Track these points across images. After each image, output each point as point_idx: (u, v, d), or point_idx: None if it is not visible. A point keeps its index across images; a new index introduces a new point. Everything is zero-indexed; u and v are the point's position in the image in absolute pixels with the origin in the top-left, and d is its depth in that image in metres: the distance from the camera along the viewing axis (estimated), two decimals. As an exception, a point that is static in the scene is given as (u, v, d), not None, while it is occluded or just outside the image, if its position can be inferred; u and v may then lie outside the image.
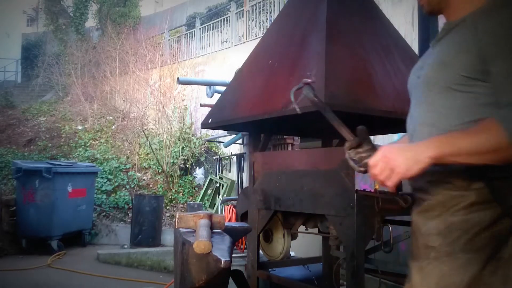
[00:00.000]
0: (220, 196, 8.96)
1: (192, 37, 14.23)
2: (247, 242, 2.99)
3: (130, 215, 9.12)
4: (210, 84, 8.06)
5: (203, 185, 10.11)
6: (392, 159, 1.27)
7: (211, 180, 9.71)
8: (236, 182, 8.98)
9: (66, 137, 12.43)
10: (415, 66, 1.60)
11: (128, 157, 11.28)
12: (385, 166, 1.28)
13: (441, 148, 1.24)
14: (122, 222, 9.30)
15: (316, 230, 2.87)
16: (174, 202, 10.15)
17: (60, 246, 7.58)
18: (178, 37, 15.25)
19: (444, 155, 1.24)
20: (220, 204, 8.38)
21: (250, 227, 2.56)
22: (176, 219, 2.12)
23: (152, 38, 15.00)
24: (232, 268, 1.90)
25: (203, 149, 10.77)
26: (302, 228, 2.85)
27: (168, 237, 8.41)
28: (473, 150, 1.22)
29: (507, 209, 1.32)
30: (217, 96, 6.32)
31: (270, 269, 3.20)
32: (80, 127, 13.09)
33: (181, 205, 10.05)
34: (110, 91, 14.68)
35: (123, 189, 10.16)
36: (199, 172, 10.84)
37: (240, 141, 8.68)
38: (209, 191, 9.69)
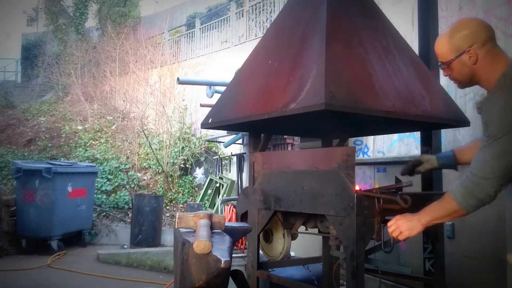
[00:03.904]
0: (220, 196, 8.96)
1: (192, 37, 14.22)
2: (247, 242, 2.99)
3: (130, 215, 9.12)
4: (210, 84, 8.06)
5: (203, 185, 10.11)
6: (401, 226, 1.97)
7: (211, 180, 9.71)
8: (236, 182, 8.98)
9: (66, 137, 12.42)
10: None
11: (128, 157, 11.28)
12: (397, 231, 1.98)
13: (427, 218, 1.93)
14: (122, 222, 9.30)
15: (316, 230, 2.87)
16: (174, 202, 10.15)
17: (60, 246, 7.58)
18: (178, 37, 15.24)
19: (429, 222, 1.93)
20: (220, 204, 8.38)
21: (250, 227, 2.56)
22: (176, 219, 2.12)
23: (152, 38, 15.00)
24: (232, 268, 1.89)
25: (203, 149, 10.77)
26: (302, 228, 2.85)
27: (168, 237, 8.41)
28: (442, 215, 1.92)
29: None
30: (217, 96, 6.32)
31: (270, 269, 3.19)
32: (80, 127, 13.09)
33: (181, 205, 10.05)
34: (110, 91, 14.68)
35: (123, 189, 10.17)
36: (199, 172, 10.84)
37: (240, 141, 8.68)
38: (209, 191, 9.69)
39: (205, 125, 2.97)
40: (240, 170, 8.86)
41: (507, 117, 1.70)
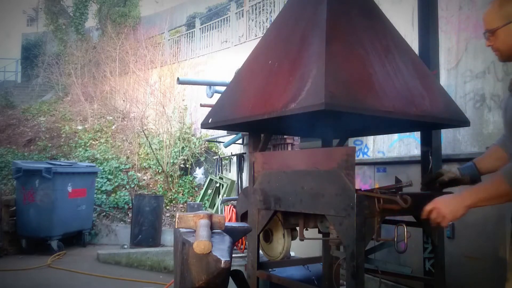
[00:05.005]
0: (220, 196, 8.96)
1: (192, 37, 14.23)
2: (247, 242, 2.99)
3: (130, 215, 9.12)
4: (210, 84, 8.06)
5: (203, 185, 10.11)
6: (442, 209, 1.83)
7: (211, 180, 9.71)
8: (236, 182, 8.98)
9: (66, 137, 12.42)
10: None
11: (128, 157, 11.28)
12: (438, 215, 1.85)
13: (471, 200, 1.78)
14: (122, 222, 9.30)
15: (316, 230, 2.86)
16: (174, 202, 10.15)
17: (60, 246, 7.58)
18: (178, 37, 15.24)
19: (474, 204, 1.78)
20: (220, 204, 8.38)
21: (250, 227, 2.56)
22: (176, 219, 2.11)
23: (152, 38, 15.00)
24: (232, 268, 1.89)
25: (203, 149, 10.77)
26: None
27: (168, 237, 8.41)
28: (490, 197, 1.76)
29: None
30: (217, 96, 6.32)
31: (270, 269, 3.19)
32: (80, 127, 13.09)
33: (181, 205, 10.05)
34: (110, 91, 14.68)
35: (123, 189, 10.16)
36: (199, 172, 10.84)
37: (240, 141, 8.68)
38: (209, 191, 9.69)
39: (205, 125, 2.97)
40: (240, 170, 8.86)
41: None
